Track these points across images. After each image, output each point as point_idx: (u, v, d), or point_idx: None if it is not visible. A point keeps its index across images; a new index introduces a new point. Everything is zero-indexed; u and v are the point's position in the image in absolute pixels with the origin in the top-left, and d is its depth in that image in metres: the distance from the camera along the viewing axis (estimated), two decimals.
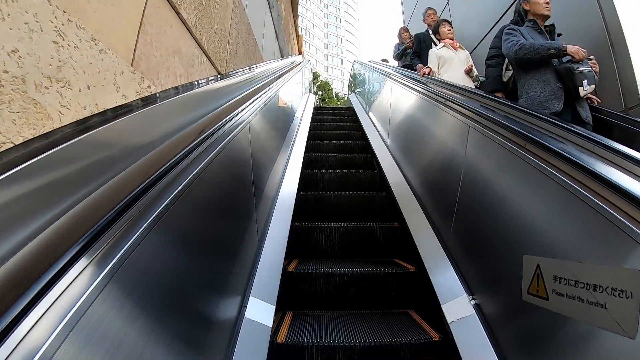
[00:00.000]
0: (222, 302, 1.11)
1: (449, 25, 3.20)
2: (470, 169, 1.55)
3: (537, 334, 0.99)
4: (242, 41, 2.77)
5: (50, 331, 0.42)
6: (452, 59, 3.00)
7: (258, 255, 1.59)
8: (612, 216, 0.78)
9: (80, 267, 0.49)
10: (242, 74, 1.74)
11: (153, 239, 0.69)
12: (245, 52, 2.89)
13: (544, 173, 1.03)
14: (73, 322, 0.46)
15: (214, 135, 1.05)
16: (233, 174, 1.33)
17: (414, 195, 2.29)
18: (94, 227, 0.53)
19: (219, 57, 2.14)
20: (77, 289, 0.48)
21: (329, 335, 1.38)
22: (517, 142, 1.22)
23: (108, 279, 0.54)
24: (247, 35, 2.98)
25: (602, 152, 0.95)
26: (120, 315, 0.58)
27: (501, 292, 1.21)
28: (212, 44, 1.98)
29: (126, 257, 0.59)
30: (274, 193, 2.15)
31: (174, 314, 0.79)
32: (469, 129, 1.60)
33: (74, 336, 0.45)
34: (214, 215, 1.11)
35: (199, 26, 1.79)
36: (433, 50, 3.11)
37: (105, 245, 0.55)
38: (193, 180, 0.88)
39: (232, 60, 2.42)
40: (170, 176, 0.76)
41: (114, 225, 0.57)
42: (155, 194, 0.71)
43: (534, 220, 1.08)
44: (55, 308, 0.44)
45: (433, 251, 1.72)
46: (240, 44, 2.69)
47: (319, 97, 26.33)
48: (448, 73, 2.89)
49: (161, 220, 0.72)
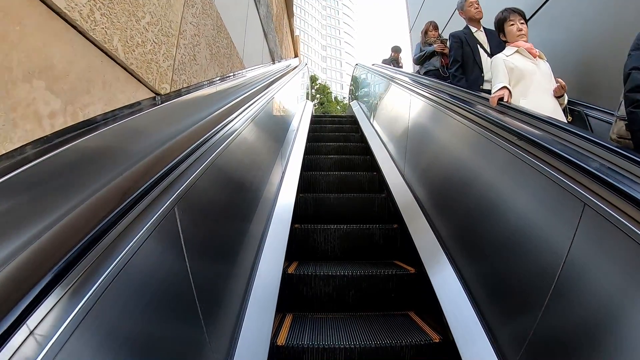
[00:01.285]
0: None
1: (520, 19, 1.98)
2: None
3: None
4: (207, 41, 2.04)
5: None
6: (531, 73, 1.83)
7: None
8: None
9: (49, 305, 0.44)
10: (202, 90, 1.18)
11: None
12: (213, 56, 2.12)
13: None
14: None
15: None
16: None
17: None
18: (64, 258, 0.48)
19: (157, 67, 1.42)
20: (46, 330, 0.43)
21: (329, 337, 1.38)
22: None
23: (82, 316, 0.49)
24: (215, 34, 2.19)
25: None
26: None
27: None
28: (137, 48, 1.27)
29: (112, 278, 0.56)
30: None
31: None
32: (584, 208, 0.88)
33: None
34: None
35: (105, 20, 1.09)
36: (500, 59, 1.88)
37: (79, 276, 0.49)
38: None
39: (184, 70, 1.69)
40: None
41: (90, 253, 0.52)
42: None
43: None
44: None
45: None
46: (202, 45, 1.95)
47: (318, 102, 26.15)
48: (529, 97, 1.77)
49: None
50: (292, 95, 3.92)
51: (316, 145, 3.71)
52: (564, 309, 0.90)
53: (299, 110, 4.51)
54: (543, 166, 1.04)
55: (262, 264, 1.59)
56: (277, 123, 2.67)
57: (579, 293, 0.86)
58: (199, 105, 1.13)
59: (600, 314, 0.79)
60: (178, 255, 0.84)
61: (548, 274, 0.95)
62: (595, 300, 0.81)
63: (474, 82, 2.51)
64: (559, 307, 0.91)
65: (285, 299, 1.63)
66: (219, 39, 2.30)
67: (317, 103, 25.66)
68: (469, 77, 2.56)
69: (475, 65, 2.56)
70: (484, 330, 1.23)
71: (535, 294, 1.00)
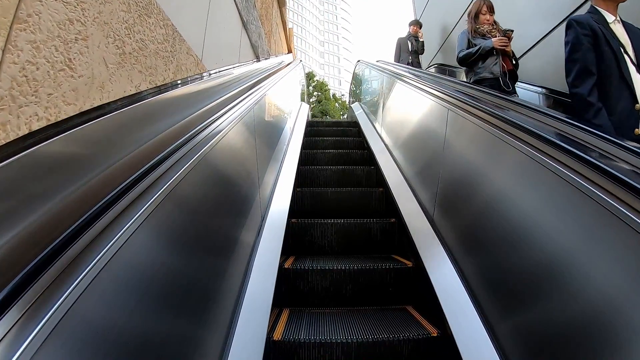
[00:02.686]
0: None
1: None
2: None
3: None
4: (110, 32, 1.14)
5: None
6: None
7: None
8: None
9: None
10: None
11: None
12: (127, 57, 1.23)
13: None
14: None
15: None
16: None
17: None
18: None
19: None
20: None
21: (326, 332, 1.36)
22: None
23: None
24: (132, 19, 1.28)
25: None
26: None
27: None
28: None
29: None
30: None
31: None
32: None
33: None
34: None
35: None
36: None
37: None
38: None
39: (39, 92, 0.83)
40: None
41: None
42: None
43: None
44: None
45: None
46: (96, 39, 1.06)
47: (315, 100, 25.68)
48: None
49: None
50: (282, 101, 3.18)
51: (310, 174, 2.68)
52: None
53: (291, 118, 3.67)
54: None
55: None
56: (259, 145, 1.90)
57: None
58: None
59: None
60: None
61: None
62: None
63: (624, 119, 1.41)
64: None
65: (281, 294, 1.61)
66: (145, 27, 1.37)
67: (314, 101, 25.25)
68: (613, 106, 1.43)
69: (622, 84, 1.43)
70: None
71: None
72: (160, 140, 0.82)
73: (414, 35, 4.90)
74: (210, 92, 1.32)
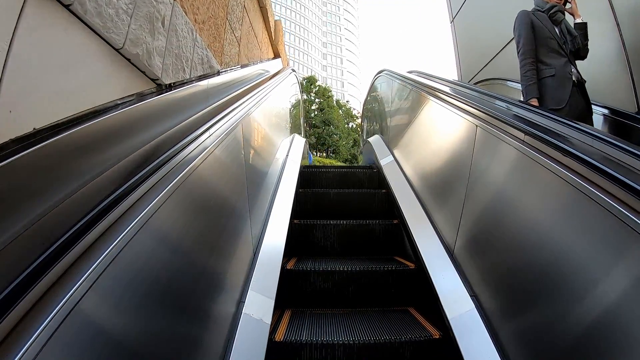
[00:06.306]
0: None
1: None
2: None
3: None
4: None
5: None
6: None
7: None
8: None
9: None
10: None
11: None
12: None
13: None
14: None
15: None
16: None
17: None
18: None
19: None
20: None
21: (328, 333, 1.37)
22: None
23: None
24: None
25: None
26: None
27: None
28: None
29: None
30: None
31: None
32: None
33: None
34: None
35: None
36: None
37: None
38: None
39: None
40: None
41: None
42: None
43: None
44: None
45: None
46: None
47: (317, 107, 23.50)
48: None
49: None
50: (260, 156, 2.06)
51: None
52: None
53: (277, 165, 2.47)
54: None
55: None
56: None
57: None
58: None
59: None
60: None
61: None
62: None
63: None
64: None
65: (284, 295, 1.61)
66: None
67: (315, 109, 23.10)
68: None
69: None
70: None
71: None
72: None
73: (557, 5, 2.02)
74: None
